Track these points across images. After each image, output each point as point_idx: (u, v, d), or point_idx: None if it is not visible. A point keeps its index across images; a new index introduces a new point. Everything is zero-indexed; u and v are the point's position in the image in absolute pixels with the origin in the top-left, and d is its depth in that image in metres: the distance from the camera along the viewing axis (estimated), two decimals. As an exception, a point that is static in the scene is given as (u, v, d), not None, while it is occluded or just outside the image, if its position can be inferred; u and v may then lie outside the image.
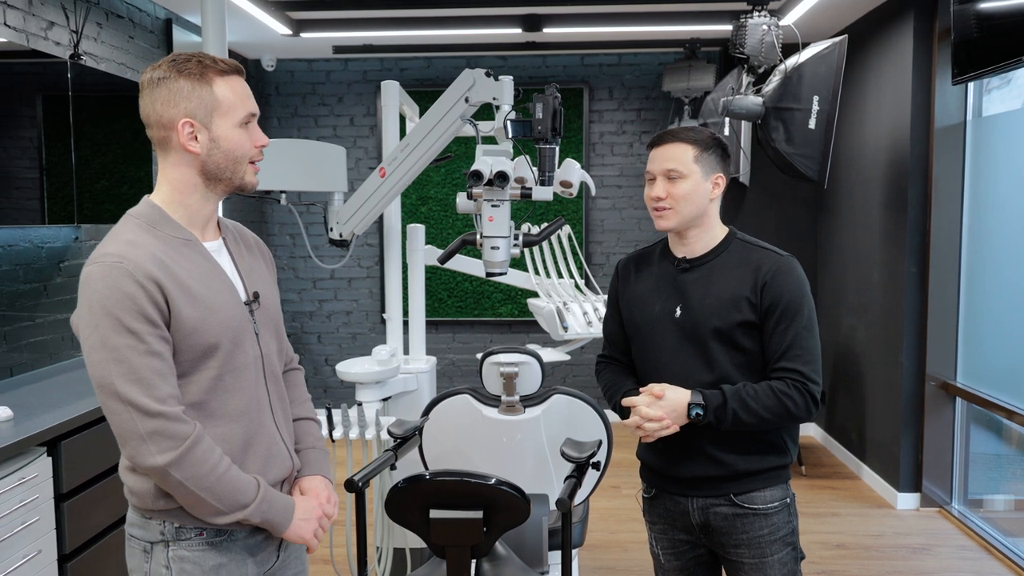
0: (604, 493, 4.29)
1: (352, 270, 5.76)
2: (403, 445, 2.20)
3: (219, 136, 1.42)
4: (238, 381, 1.45)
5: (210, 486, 1.35)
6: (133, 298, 1.31)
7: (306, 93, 5.68)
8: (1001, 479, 3.95)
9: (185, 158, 1.42)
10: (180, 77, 1.39)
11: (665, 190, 1.79)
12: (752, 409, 1.71)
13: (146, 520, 1.43)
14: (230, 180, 1.46)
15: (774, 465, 1.81)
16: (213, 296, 1.42)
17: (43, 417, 2.49)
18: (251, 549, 1.48)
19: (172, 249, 1.40)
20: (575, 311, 3.10)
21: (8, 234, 3.07)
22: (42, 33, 3.26)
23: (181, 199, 1.44)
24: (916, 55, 3.93)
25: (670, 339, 1.82)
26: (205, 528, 1.42)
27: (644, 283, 1.90)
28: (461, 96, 2.41)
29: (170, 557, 1.41)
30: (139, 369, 1.31)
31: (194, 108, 1.39)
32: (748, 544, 1.81)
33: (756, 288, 1.75)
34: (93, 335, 1.32)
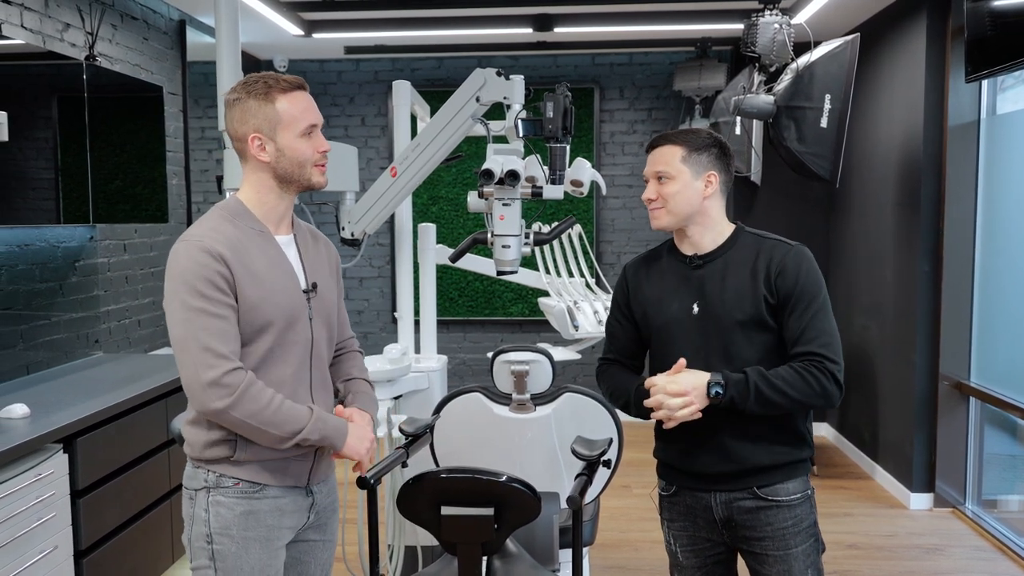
0: (615, 492, 4.29)
1: (363, 269, 5.79)
2: (414, 443, 2.20)
3: (284, 146, 1.65)
4: (285, 355, 1.67)
5: (268, 418, 1.58)
6: (206, 268, 1.56)
7: (318, 93, 5.70)
8: (1016, 479, 3.92)
9: (259, 165, 1.68)
10: (249, 98, 1.64)
11: (656, 191, 1.84)
12: (776, 386, 1.71)
13: (195, 470, 1.66)
14: (299, 181, 1.69)
15: (795, 458, 1.83)
16: (274, 280, 1.66)
17: (59, 414, 2.52)
18: (281, 507, 1.68)
19: (247, 238, 1.65)
20: (586, 310, 3.11)
21: (24, 233, 3.11)
22: (58, 35, 3.30)
23: (260, 197, 1.70)
24: (929, 53, 3.90)
25: (690, 336, 1.83)
26: (242, 480, 1.64)
27: (656, 283, 1.91)
28: (472, 95, 2.42)
29: (209, 501, 1.64)
30: (207, 328, 1.55)
31: (260, 124, 1.64)
32: (772, 536, 1.81)
33: (770, 278, 1.78)
34: (174, 301, 1.57)
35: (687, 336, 1.83)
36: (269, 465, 1.66)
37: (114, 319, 3.73)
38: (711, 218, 1.85)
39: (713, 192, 1.84)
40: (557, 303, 3.12)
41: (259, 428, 1.58)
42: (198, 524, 1.65)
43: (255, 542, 1.65)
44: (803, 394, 1.73)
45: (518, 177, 2.24)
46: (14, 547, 2.21)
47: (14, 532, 2.21)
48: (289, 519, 1.70)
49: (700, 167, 1.82)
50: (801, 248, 1.83)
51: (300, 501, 1.72)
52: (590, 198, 5.56)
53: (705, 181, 1.83)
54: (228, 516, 1.64)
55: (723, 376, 1.73)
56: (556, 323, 3.23)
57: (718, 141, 1.86)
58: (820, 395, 1.74)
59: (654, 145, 1.87)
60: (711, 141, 1.84)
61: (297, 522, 1.73)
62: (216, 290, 1.56)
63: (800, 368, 1.73)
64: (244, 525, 1.64)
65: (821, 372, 1.73)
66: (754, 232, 1.88)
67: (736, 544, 1.88)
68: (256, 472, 1.65)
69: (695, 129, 1.88)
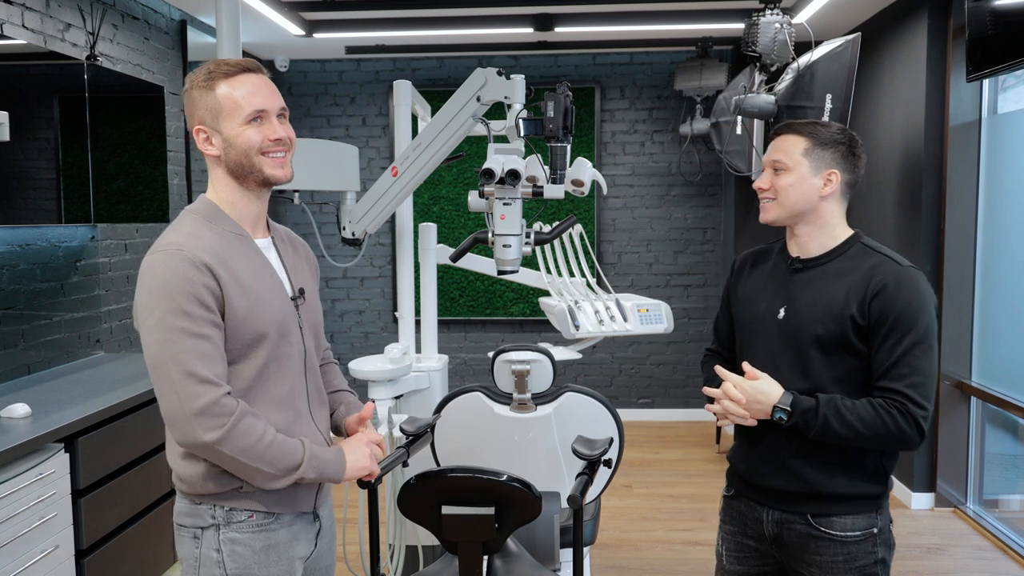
0: (616, 492, 4.29)
1: (364, 269, 5.79)
2: (415, 442, 2.21)
3: (229, 136, 1.50)
4: (281, 371, 1.52)
5: (260, 454, 1.42)
6: (190, 282, 1.40)
7: (319, 93, 5.71)
8: (1017, 479, 3.92)
9: (212, 161, 1.53)
10: (192, 88, 1.50)
11: (769, 181, 1.75)
12: (847, 421, 1.59)
13: (195, 506, 1.49)
14: (252, 175, 1.52)
15: (863, 493, 1.68)
16: (263, 288, 1.51)
17: (60, 414, 2.52)
18: (296, 534, 1.55)
19: (227, 243, 1.49)
20: (587, 310, 3.11)
21: (26, 233, 3.11)
22: (59, 35, 3.30)
23: (227, 196, 1.54)
24: (930, 52, 3.90)
25: (770, 341, 1.74)
26: (255, 511, 1.49)
27: (755, 280, 1.84)
28: (473, 95, 2.42)
29: (221, 540, 1.47)
30: (190, 350, 1.38)
31: (203, 115, 1.50)
32: (820, 566, 1.70)
33: (866, 298, 1.63)
34: (150, 318, 1.40)
35: (767, 339, 1.74)
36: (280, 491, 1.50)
37: (115, 319, 3.73)
38: (824, 220, 1.72)
39: (832, 192, 1.71)
40: (558, 303, 3.11)
41: (249, 466, 1.41)
42: (208, 567, 1.47)
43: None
44: (877, 435, 1.59)
45: (519, 176, 2.24)
46: (15, 546, 2.21)
47: (15, 531, 2.21)
48: (302, 548, 1.57)
49: (822, 163, 1.70)
50: (910, 272, 1.65)
51: (309, 528, 1.59)
52: (591, 198, 5.56)
53: (824, 179, 1.70)
54: (247, 555, 1.48)
55: (792, 401, 1.62)
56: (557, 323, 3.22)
57: (849, 139, 1.72)
58: (896, 440, 1.60)
59: (778, 132, 1.75)
60: (840, 138, 1.71)
61: (306, 551, 1.59)
62: (200, 306, 1.40)
63: (880, 407, 1.59)
64: (266, 562, 1.50)
65: (903, 415, 1.58)
66: (869, 244, 1.73)
67: (787, 562, 1.77)
68: (269, 500, 1.49)
69: (827, 122, 1.75)
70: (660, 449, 5.09)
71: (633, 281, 5.67)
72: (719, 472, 4.64)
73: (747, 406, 1.67)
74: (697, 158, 5.53)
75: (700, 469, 4.70)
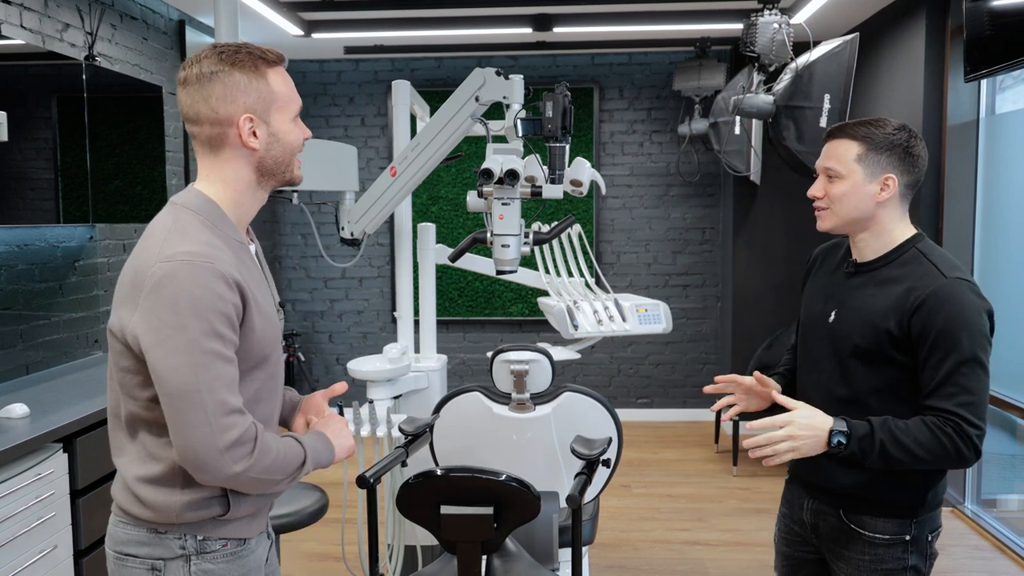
0: (615, 492, 4.29)
1: (363, 269, 5.79)
2: (414, 442, 2.21)
3: (278, 130, 1.37)
4: (269, 391, 1.43)
5: (278, 467, 1.33)
6: (224, 300, 1.26)
7: (317, 94, 5.70)
8: (1015, 479, 3.93)
9: (242, 154, 1.36)
10: (235, 70, 1.32)
11: (822, 189, 1.68)
12: (904, 445, 1.52)
13: (158, 536, 1.35)
14: (283, 175, 1.41)
15: (896, 501, 1.65)
16: (267, 304, 1.39)
17: (59, 414, 2.52)
18: (261, 557, 1.48)
19: (235, 253, 1.34)
20: (585, 310, 3.11)
21: (24, 233, 3.11)
22: (57, 35, 3.30)
23: (236, 198, 1.39)
24: (928, 52, 3.91)
25: (819, 344, 1.72)
26: (230, 539, 1.39)
27: (819, 279, 1.81)
28: (471, 95, 2.42)
29: (192, 572, 1.35)
30: (223, 377, 1.26)
31: (253, 102, 1.34)
32: (847, 561, 1.70)
33: (905, 313, 1.57)
34: (177, 337, 1.23)
35: (816, 342, 1.73)
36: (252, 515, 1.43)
37: (114, 319, 3.73)
38: (882, 226, 1.66)
39: (890, 197, 1.64)
40: (557, 303, 3.12)
41: (269, 480, 1.33)
42: None
43: None
44: (935, 456, 1.53)
45: (517, 177, 2.24)
46: (14, 546, 2.21)
47: (14, 531, 2.21)
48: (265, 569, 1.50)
49: (877, 168, 1.63)
50: (955, 284, 1.57)
51: (266, 544, 1.50)
52: (590, 198, 5.56)
53: (881, 184, 1.63)
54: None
55: (848, 426, 1.55)
56: (556, 323, 3.23)
57: (906, 138, 1.64)
58: (954, 459, 1.54)
59: (831, 136, 1.69)
60: (896, 139, 1.63)
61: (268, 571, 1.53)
62: (231, 328, 1.27)
63: (935, 427, 1.53)
64: None
65: (959, 436, 1.52)
66: (923, 250, 1.65)
67: (823, 551, 1.78)
68: (242, 527, 1.41)
69: (881, 121, 1.66)
70: (659, 449, 5.09)
71: (632, 281, 5.67)
72: (718, 472, 4.64)
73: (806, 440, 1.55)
74: (695, 158, 5.53)
75: (698, 469, 4.70)
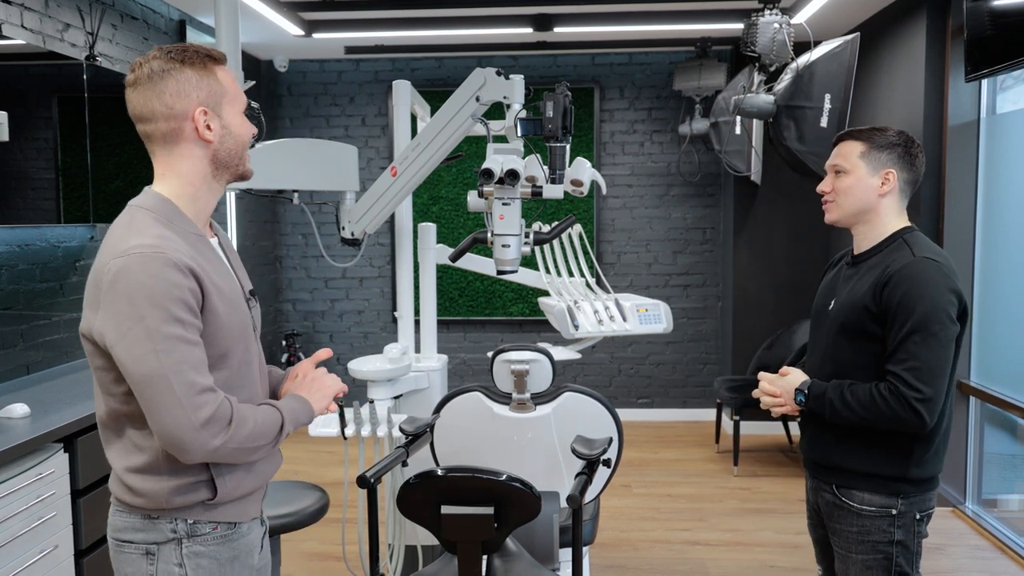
0: (615, 492, 4.29)
1: (364, 269, 5.79)
2: (414, 442, 2.21)
3: (230, 123, 1.43)
4: (243, 379, 1.46)
5: (259, 434, 1.38)
6: (178, 287, 1.30)
7: (318, 93, 5.71)
8: (1015, 479, 3.93)
9: (196, 149, 1.41)
10: (185, 67, 1.39)
11: (830, 184, 1.88)
12: (847, 402, 1.76)
13: (150, 521, 1.40)
14: (236, 168, 1.46)
15: (875, 472, 1.81)
16: (231, 292, 1.44)
17: (60, 414, 2.52)
18: (253, 542, 1.51)
19: (192, 245, 1.39)
20: (586, 310, 3.11)
21: (25, 233, 3.11)
22: (58, 35, 3.30)
23: (192, 192, 1.43)
24: (929, 52, 3.91)
25: (819, 330, 1.93)
26: (220, 523, 1.44)
27: (828, 278, 2.02)
28: (472, 95, 2.42)
29: (184, 554, 1.40)
30: (189, 359, 1.31)
31: (205, 97, 1.40)
32: (839, 535, 1.88)
33: (877, 289, 1.77)
34: (136, 327, 1.28)
35: (818, 330, 1.94)
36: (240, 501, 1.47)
37: (114, 319, 3.73)
38: (880, 217, 1.85)
39: (890, 190, 1.84)
40: (557, 303, 3.11)
41: (253, 447, 1.38)
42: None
43: None
44: (874, 417, 1.74)
45: (518, 176, 2.24)
46: (14, 546, 2.21)
47: (14, 531, 2.21)
48: (258, 556, 1.53)
49: (878, 163, 1.82)
50: (921, 261, 1.75)
51: (259, 531, 1.54)
52: (590, 198, 5.56)
53: (882, 178, 1.83)
54: (213, 567, 1.42)
55: (809, 387, 1.83)
56: (556, 323, 3.22)
57: (905, 140, 1.84)
58: (892, 419, 1.73)
59: (838, 139, 1.89)
60: (896, 140, 1.83)
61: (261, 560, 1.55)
62: (190, 312, 1.32)
63: (876, 391, 1.74)
64: (233, 572, 1.45)
65: (895, 397, 1.71)
66: (907, 239, 1.84)
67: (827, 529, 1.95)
68: (231, 511, 1.45)
69: (885, 127, 1.87)
70: (659, 449, 5.09)
71: (632, 281, 5.67)
72: (718, 471, 4.64)
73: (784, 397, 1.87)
74: (696, 158, 5.53)
75: (699, 469, 4.70)
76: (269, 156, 2.49)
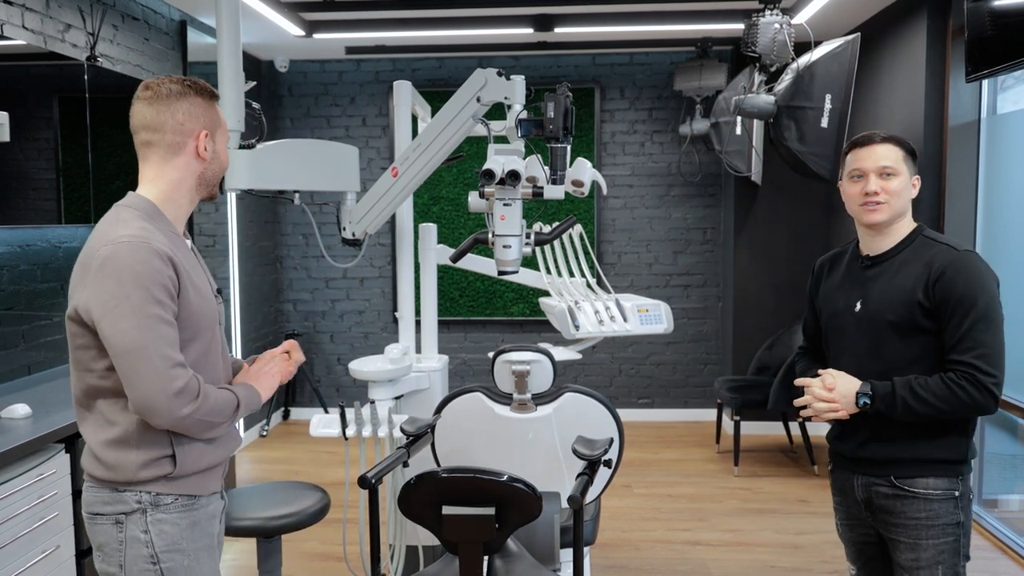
0: (617, 492, 4.29)
1: (364, 269, 5.79)
2: (415, 443, 2.21)
3: (219, 150, 1.70)
4: (207, 365, 1.65)
5: (218, 411, 1.58)
6: (160, 272, 1.51)
7: (319, 94, 5.71)
8: (1016, 479, 3.92)
9: (191, 163, 1.65)
10: (197, 96, 1.65)
11: (880, 186, 1.90)
12: (922, 397, 1.78)
13: (118, 494, 1.59)
14: (211, 188, 1.71)
15: (942, 458, 1.86)
16: (202, 285, 1.65)
17: (61, 414, 2.52)
18: (213, 513, 1.69)
19: (169, 240, 1.59)
20: (587, 310, 3.11)
21: (26, 234, 3.11)
22: (59, 35, 3.30)
23: (175, 197, 1.65)
24: (929, 53, 3.91)
25: (850, 332, 1.94)
26: (180, 495, 1.62)
27: (832, 281, 2.05)
28: (473, 96, 2.42)
29: (148, 522, 1.59)
30: (166, 336, 1.51)
31: (208, 123, 1.66)
32: (905, 524, 1.87)
33: (929, 283, 1.82)
34: (123, 304, 1.48)
35: (847, 333, 1.95)
36: (199, 476, 1.64)
37: (115, 319, 3.73)
38: (905, 219, 1.93)
39: (915, 195, 1.94)
40: (558, 303, 3.12)
41: (213, 422, 1.58)
42: (135, 547, 1.58)
43: (203, 551, 1.65)
44: (952, 406, 1.77)
45: (519, 177, 2.24)
46: (16, 547, 2.21)
47: (16, 532, 2.21)
48: (218, 525, 1.72)
49: (912, 168, 1.92)
50: (967, 255, 1.84)
51: (219, 505, 1.72)
52: (591, 198, 5.56)
53: (913, 183, 1.93)
54: (175, 532, 1.60)
55: (871, 387, 1.83)
56: (557, 323, 3.23)
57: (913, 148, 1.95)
58: (970, 407, 1.78)
59: (871, 142, 1.93)
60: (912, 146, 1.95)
61: (220, 529, 1.74)
62: (169, 297, 1.52)
63: (951, 380, 1.77)
64: (192, 537, 1.62)
65: (972, 384, 1.76)
66: (929, 236, 1.92)
67: (877, 526, 1.94)
68: (191, 484, 1.63)
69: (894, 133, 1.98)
70: (660, 449, 5.09)
71: (633, 281, 5.67)
72: (718, 472, 4.64)
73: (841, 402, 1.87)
74: (697, 158, 5.54)
75: (700, 469, 4.71)
76: (270, 157, 2.49)
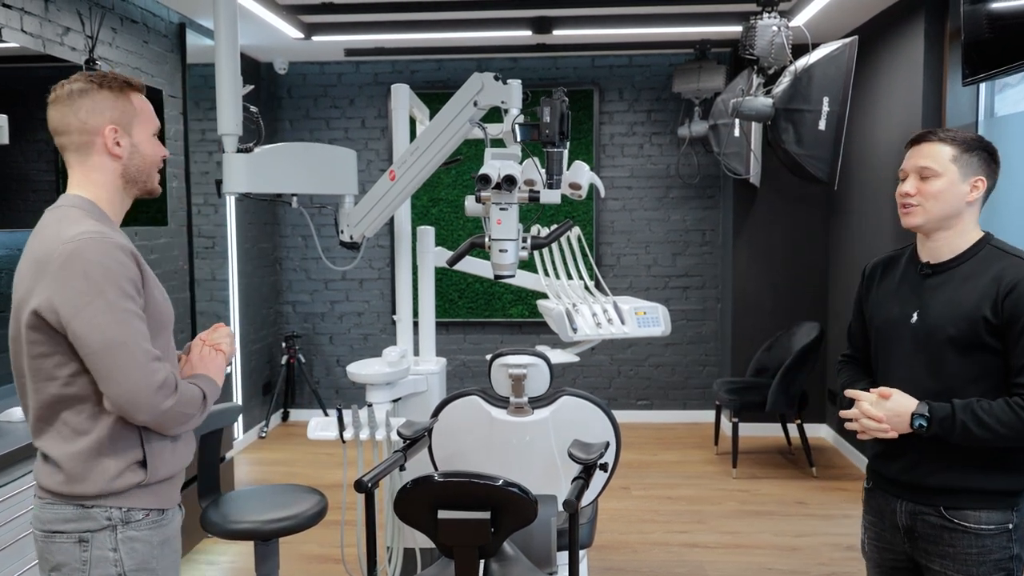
0: (614, 494, 4.30)
1: (363, 272, 5.80)
2: (412, 446, 2.22)
3: (139, 142, 1.61)
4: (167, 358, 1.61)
5: (191, 403, 1.56)
6: (127, 267, 1.48)
7: (318, 96, 5.71)
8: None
9: (107, 161, 1.58)
10: (102, 89, 1.57)
11: (915, 187, 1.76)
12: (985, 423, 1.63)
13: (84, 510, 1.52)
14: (144, 184, 1.64)
15: (998, 488, 1.71)
16: (158, 282, 1.61)
17: (59, 417, 2.52)
18: (177, 527, 1.67)
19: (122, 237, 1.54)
20: (584, 313, 3.11)
21: (25, 237, 3.10)
22: (58, 39, 3.31)
23: (109, 196, 1.60)
24: (927, 55, 3.91)
25: (903, 344, 1.79)
26: (151, 509, 1.58)
27: (887, 286, 1.88)
28: (470, 100, 2.43)
29: (119, 540, 1.53)
30: (141, 331, 1.48)
31: (117, 116, 1.57)
32: (954, 558, 1.73)
33: (997, 299, 1.67)
34: (97, 300, 1.44)
35: (901, 344, 1.80)
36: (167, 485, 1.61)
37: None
38: (964, 225, 1.76)
39: (976, 198, 1.75)
40: (556, 305, 3.12)
41: (188, 414, 1.55)
42: (101, 566, 1.51)
43: (171, 570, 1.62)
44: (1017, 433, 1.63)
45: (515, 182, 2.25)
46: (16, 549, 2.22)
47: (16, 534, 2.22)
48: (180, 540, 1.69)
49: (970, 170, 1.73)
50: None
51: (179, 518, 1.69)
52: (589, 200, 5.57)
53: (972, 185, 1.74)
54: (145, 550, 1.55)
55: (929, 409, 1.68)
56: (555, 325, 3.23)
57: (988, 146, 1.76)
58: None
59: (921, 140, 1.79)
60: (980, 144, 1.75)
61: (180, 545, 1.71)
62: (136, 291, 1.49)
63: (1017, 405, 1.63)
64: (161, 555, 1.59)
65: None
66: (998, 246, 1.76)
67: (916, 556, 1.80)
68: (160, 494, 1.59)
69: (964, 130, 1.79)
70: (658, 451, 5.10)
71: (632, 283, 5.68)
72: (717, 474, 4.65)
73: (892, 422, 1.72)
74: (695, 160, 5.54)
75: (698, 471, 4.71)
76: (267, 160, 2.50)
